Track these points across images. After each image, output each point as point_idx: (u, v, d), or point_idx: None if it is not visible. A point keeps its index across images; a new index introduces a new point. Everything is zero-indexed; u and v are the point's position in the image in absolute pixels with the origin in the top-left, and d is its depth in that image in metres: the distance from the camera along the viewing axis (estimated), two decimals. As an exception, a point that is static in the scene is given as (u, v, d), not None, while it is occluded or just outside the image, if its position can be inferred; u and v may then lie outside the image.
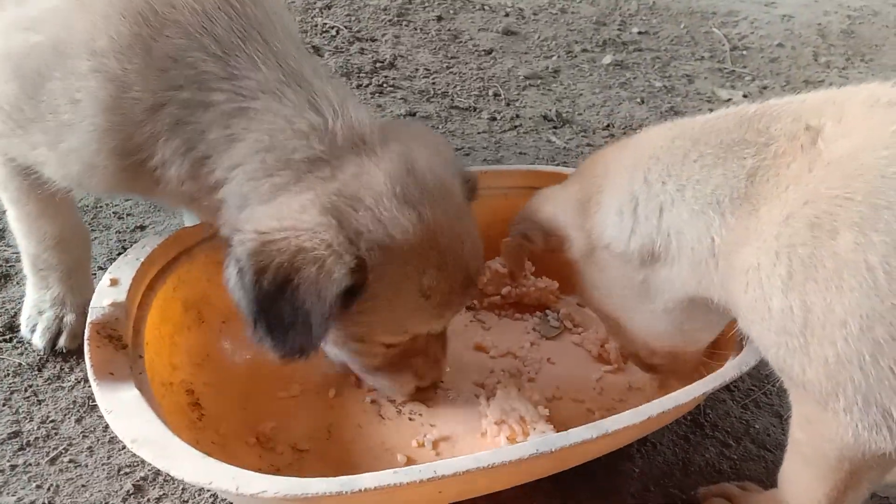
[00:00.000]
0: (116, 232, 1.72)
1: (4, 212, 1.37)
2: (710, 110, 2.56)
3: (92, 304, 1.17)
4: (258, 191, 1.06)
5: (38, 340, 1.38)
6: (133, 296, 1.21)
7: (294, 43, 1.16)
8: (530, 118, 2.41)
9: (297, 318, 0.99)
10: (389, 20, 2.97)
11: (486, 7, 3.19)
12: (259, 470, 1.13)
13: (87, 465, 1.19)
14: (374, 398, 1.32)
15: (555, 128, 2.38)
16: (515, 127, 2.36)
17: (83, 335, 1.13)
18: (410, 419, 1.29)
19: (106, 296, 1.18)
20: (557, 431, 1.18)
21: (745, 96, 2.79)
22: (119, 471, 1.18)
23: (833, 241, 0.89)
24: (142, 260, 1.25)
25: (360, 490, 0.91)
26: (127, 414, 1.00)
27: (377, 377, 1.25)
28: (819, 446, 0.99)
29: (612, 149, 1.22)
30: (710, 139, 1.05)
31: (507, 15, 3.17)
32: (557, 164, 2.15)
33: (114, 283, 1.21)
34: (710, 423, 1.39)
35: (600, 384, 1.40)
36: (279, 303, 0.99)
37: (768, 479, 1.28)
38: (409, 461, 1.21)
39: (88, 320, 1.14)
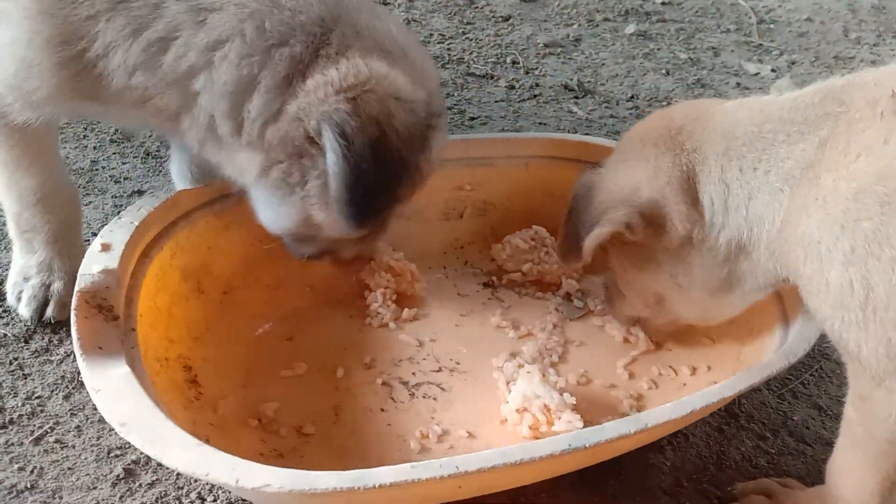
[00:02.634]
0: (112, 196, 1.61)
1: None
2: (738, 84, 2.49)
3: (80, 270, 1.07)
4: (272, 65, 0.94)
5: (24, 310, 1.27)
6: (126, 263, 1.11)
7: None
8: (550, 87, 2.29)
9: (390, 173, 0.99)
10: (403, -17, 2.84)
11: (503, -28, 3.05)
12: (260, 455, 1.06)
13: (74, 447, 1.09)
14: (386, 380, 1.22)
15: (576, 98, 2.25)
16: (535, 96, 2.24)
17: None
18: (424, 403, 1.19)
19: (96, 262, 1.08)
20: (584, 420, 1.09)
21: (773, 70, 2.66)
22: (109, 453, 1.09)
23: None
24: (136, 224, 1.15)
25: (375, 486, 0.82)
26: (116, 394, 0.91)
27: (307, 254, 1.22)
28: (871, 426, 0.94)
29: (683, 115, 1.11)
30: (796, 117, 0.98)
31: (525, -20, 3.03)
32: (581, 135, 2.04)
33: (105, 248, 1.11)
34: (745, 415, 1.29)
35: (629, 369, 1.30)
36: (378, 159, 0.96)
37: (808, 476, 1.18)
38: (423, 449, 1.11)
39: (76, 288, 1.04)
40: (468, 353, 1.30)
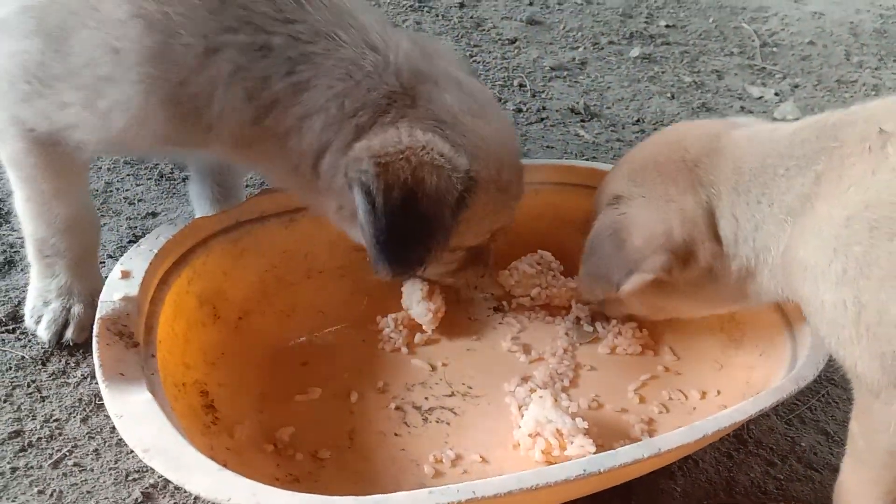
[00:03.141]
0: (127, 218, 1.63)
1: (9, 195, 1.28)
2: (742, 108, 2.52)
3: (101, 297, 1.09)
4: (343, 132, 1.09)
5: (44, 333, 1.29)
6: (145, 290, 1.13)
7: None
8: (557, 111, 2.32)
9: (421, 229, 1.10)
10: (410, 6, 2.88)
11: (509, -5, 3.09)
12: (276, 480, 1.07)
13: (92, 470, 1.11)
14: (399, 405, 1.24)
15: (583, 121, 2.28)
16: (542, 119, 2.26)
17: (91, 327, 1.05)
18: (437, 427, 1.21)
19: (117, 289, 1.10)
20: (596, 444, 1.11)
21: (776, 94, 2.69)
22: (127, 476, 1.10)
23: (891, 242, 0.90)
24: (155, 251, 1.17)
25: (395, 512, 0.83)
26: (138, 420, 0.92)
27: (450, 277, 1.35)
28: (871, 438, 0.99)
29: (696, 146, 1.15)
30: (794, 151, 1.05)
31: (531, 4, 3.07)
32: (587, 160, 2.06)
33: (125, 275, 1.13)
34: (753, 440, 1.30)
35: (640, 393, 1.31)
36: (406, 217, 1.08)
37: (816, 502, 1.20)
38: (437, 474, 1.13)
39: (98, 315, 1.06)
40: (480, 377, 1.31)
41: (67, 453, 1.13)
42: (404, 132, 1.08)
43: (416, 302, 1.35)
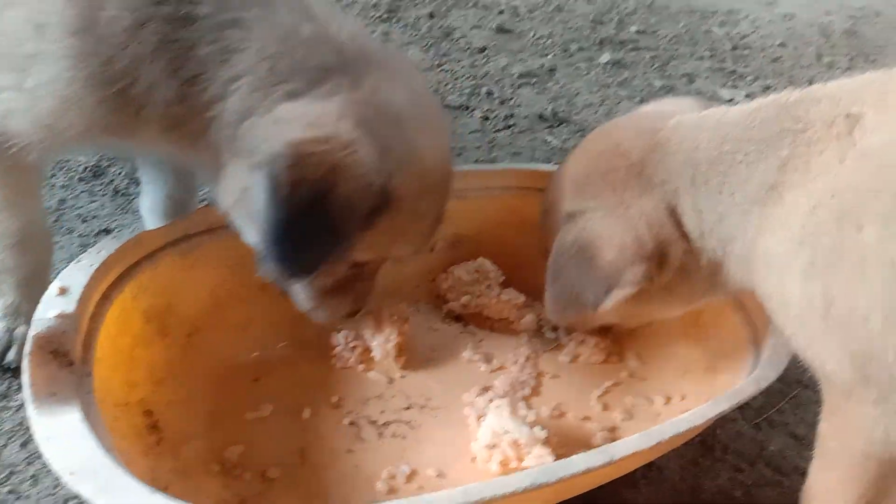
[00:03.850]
0: (80, 236, 1.60)
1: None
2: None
3: (35, 315, 1.04)
4: (269, 98, 1.01)
5: (-13, 355, 1.25)
6: (84, 306, 1.08)
7: None
8: (525, 117, 2.30)
9: (321, 234, 1.00)
10: (379, 16, 2.87)
11: (479, 4, 3.09)
12: (222, 501, 1.03)
13: (29, 497, 1.06)
14: (353, 420, 1.20)
15: (551, 127, 2.26)
16: (510, 126, 2.24)
17: (36, 349, 1.01)
18: (393, 442, 1.17)
19: (52, 306, 1.06)
20: (558, 454, 1.07)
21: (747, 96, 2.69)
22: (66, 502, 1.06)
23: (858, 233, 0.84)
24: (96, 266, 1.13)
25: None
26: (67, 441, 0.88)
27: (317, 299, 1.17)
28: (844, 439, 0.94)
29: (637, 147, 1.09)
30: (753, 135, 0.98)
31: (501, 12, 3.06)
32: (554, 165, 2.04)
33: (62, 291, 1.08)
34: (720, 445, 1.27)
35: (603, 400, 1.28)
36: (307, 218, 0.97)
37: (786, 507, 1.17)
38: (391, 490, 1.09)
39: (30, 333, 1.01)
40: (439, 388, 1.28)
41: (3, 479, 1.08)
42: (333, 114, 0.99)
43: (370, 335, 1.30)
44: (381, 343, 1.29)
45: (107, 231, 1.61)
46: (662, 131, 1.08)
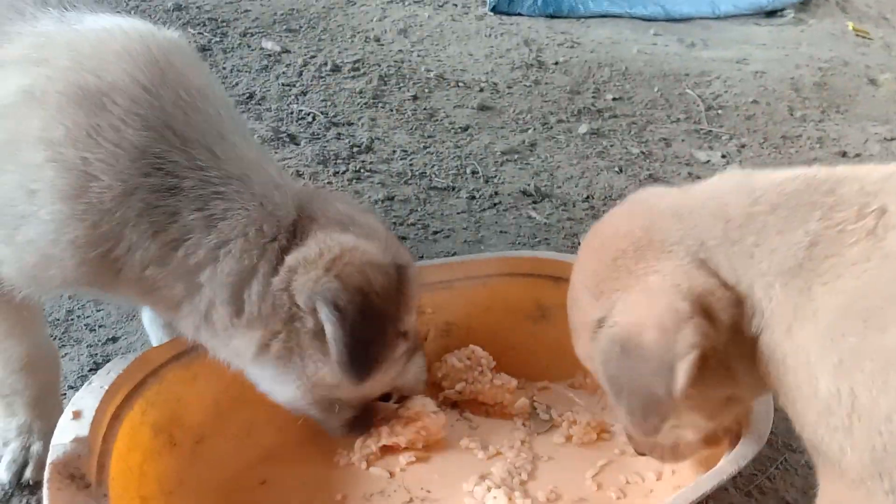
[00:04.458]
0: (88, 346, 1.66)
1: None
2: (689, 174, 2.60)
3: (53, 441, 1.11)
4: (267, 255, 1.15)
5: (3, 474, 1.31)
6: (97, 428, 1.15)
7: (243, 134, 1.24)
8: (509, 194, 2.39)
9: (377, 326, 1.18)
10: (365, 103, 2.97)
11: (460, 84, 3.20)
12: None
13: None
14: (360, 520, 1.25)
15: (534, 202, 2.35)
16: (495, 204, 2.33)
17: (52, 465, 1.07)
18: (397, 537, 1.22)
19: (68, 431, 1.12)
20: (555, 537, 1.12)
21: (723, 157, 2.79)
22: None
23: (882, 335, 0.88)
24: (106, 388, 1.20)
25: None
26: (87, 566, 0.94)
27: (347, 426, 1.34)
28: None
29: (649, 229, 1.04)
30: (788, 201, 0.98)
31: (481, 90, 3.18)
32: (538, 241, 2.13)
33: (76, 415, 1.15)
34: (713, 517, 1.32)
35: (597, 480, 1.33)
36: (364, 318, 1.15)
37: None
38: (396, 587, 1.13)
39: (49, 460, 1.08)
40: (439, 480, 1.33)
41: None
42: (324, 240, 1.16)
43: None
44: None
45: (114, 339, 1.68)
46: (663, 199, 1.07)
